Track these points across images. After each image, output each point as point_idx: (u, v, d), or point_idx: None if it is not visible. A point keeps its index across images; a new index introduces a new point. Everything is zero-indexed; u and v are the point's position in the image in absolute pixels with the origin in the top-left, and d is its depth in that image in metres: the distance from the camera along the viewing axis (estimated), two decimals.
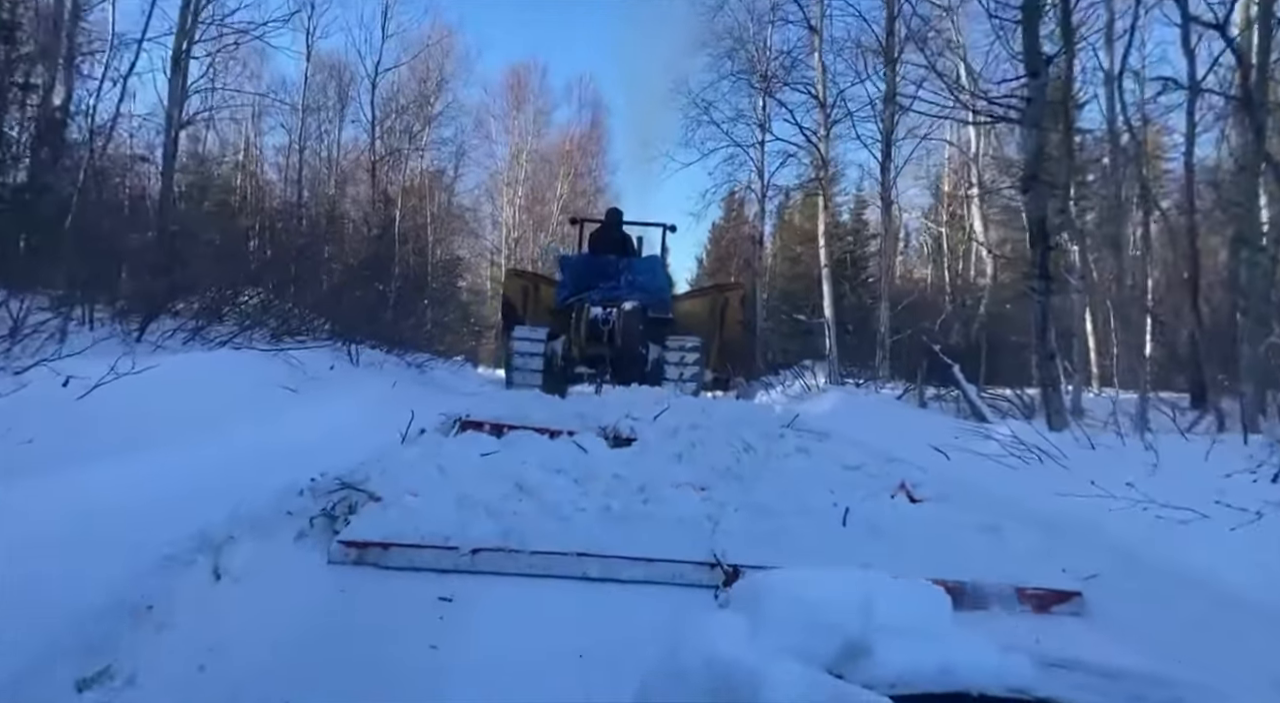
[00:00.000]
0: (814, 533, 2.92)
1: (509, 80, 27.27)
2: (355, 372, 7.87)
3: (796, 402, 7.97)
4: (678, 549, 2.70)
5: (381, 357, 9.84)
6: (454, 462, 3.66)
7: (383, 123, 18.21)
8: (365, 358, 8.70)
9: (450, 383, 11.01)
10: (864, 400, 7.32)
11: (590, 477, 3.62)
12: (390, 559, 2.60)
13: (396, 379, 8.25)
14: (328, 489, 3.03)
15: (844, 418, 6.47)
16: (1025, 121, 5.94)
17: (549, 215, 27.15)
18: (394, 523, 2.76)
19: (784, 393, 8.59)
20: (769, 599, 1.54)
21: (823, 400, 7.53)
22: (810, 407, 7.47)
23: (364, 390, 7.05)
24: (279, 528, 2.69)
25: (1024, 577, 2.61)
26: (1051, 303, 6.68)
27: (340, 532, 2.71)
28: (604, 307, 8.34)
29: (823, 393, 7.94)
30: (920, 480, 4.00)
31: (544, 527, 2.82)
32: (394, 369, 9.58)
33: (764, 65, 13.45)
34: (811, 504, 3.25)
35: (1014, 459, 4.10)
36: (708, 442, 4.59)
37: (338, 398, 6.39)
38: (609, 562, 2.64)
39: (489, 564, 2.62)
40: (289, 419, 5.29)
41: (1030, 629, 2.36)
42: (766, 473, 4.07)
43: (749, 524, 2.98)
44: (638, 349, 8.44)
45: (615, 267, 9.11)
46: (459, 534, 2.69)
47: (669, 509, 3.11)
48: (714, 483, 3.74)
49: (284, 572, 2.43)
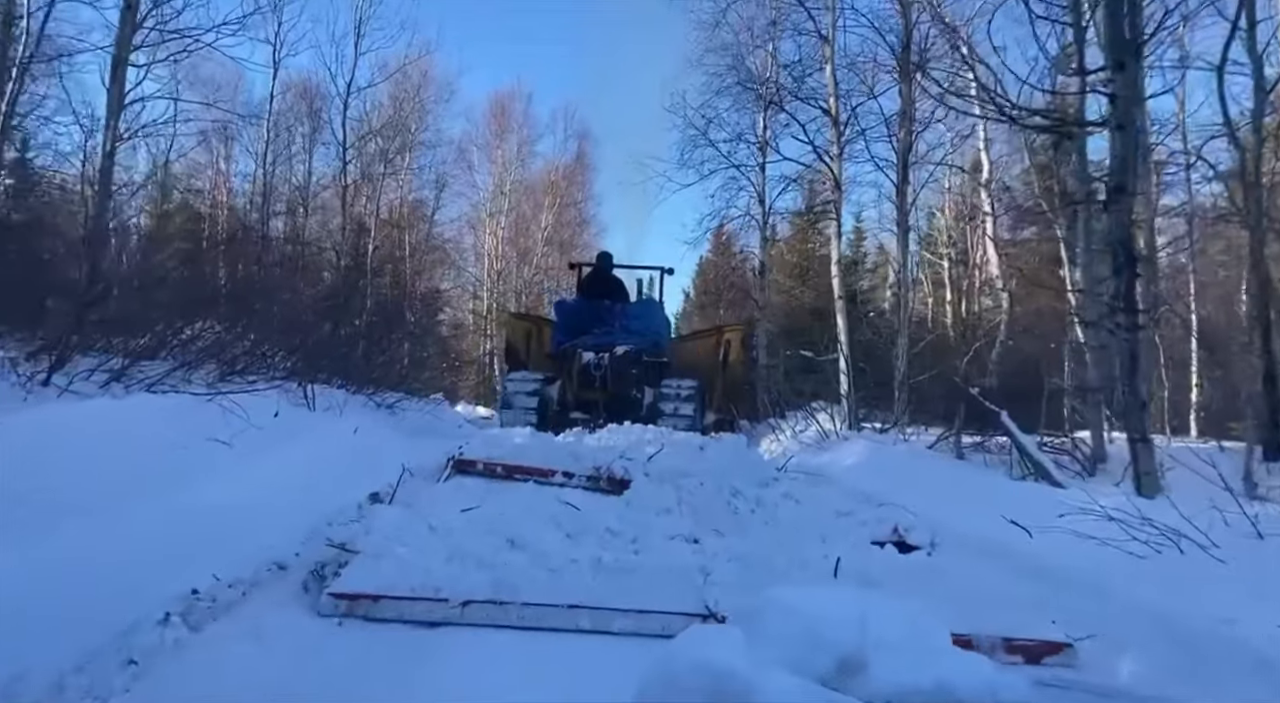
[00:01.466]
0: (805, 583, 2.87)
1: (492, 109, 26.64)
2: (310, 418, 6.85)
3: (814, 452, 7.03)
4: (670, 601, 2.69)
5: (345, 398, 8.83)
6: (443, 519, 3.67)
7: (361, 146, 17.08)
8: (327, 399, 7.66)
9: (424, 425, 9.93)
10: (894, 452, 6.39)
11: (583, 530, 3.63)
12: (380, 611, 2.58)
13: (360, 424, 7.24)
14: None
15: (880, 476, 5.52)
16: (1110, 123, 5.13)
17: (533, 247, 26.31)
18: (384, 575, 2.73)
19: (796, 439, 7.68)
20: (766, 614, 1.63)
21: (845, 451, 6.60)
22: (832, 458, 6.53)
23: (318, 439, 6.04)
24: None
25: (1020, 625, 2.64)
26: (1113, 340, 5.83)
27: (329, 584, 2.68)
28: (596, 352, 8.34)
29: (843, 441, 7.02)
30: (912, 524, 4.07)
31: (535, 578, 2.80)
32: (358, 411, 8.56)
33: (771, 77, 12.65)
34: (802, 555, 3.24)
35: (1136, 544, 3.15)
36: (699, 490, 4.56)
37: (284, 450, 5.40)
38: (600, 614, 2.62)
39: (480, 616, 2.59)
40: (210, 484, 4.27)
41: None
42: (756, 522, 4.16)
43: (740, 575, 2.96)
44: (630, 394, 8.39)
45: (609, 311, 9.16)
46: (449, 586, 2.68)
47: (660, 559, 3.12)
48: (705, 534, 3.80)
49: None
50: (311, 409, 7.17)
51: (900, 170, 8.70)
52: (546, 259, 27.03)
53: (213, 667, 2.06)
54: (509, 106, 26.61)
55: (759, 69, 13.43)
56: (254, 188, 17.45)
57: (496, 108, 26.60)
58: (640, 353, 8.61)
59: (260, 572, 2.85)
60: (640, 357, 8.60)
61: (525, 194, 26.98)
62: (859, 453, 6.38)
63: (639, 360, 8.56)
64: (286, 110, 17.86)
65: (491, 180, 26.09)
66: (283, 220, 17.47)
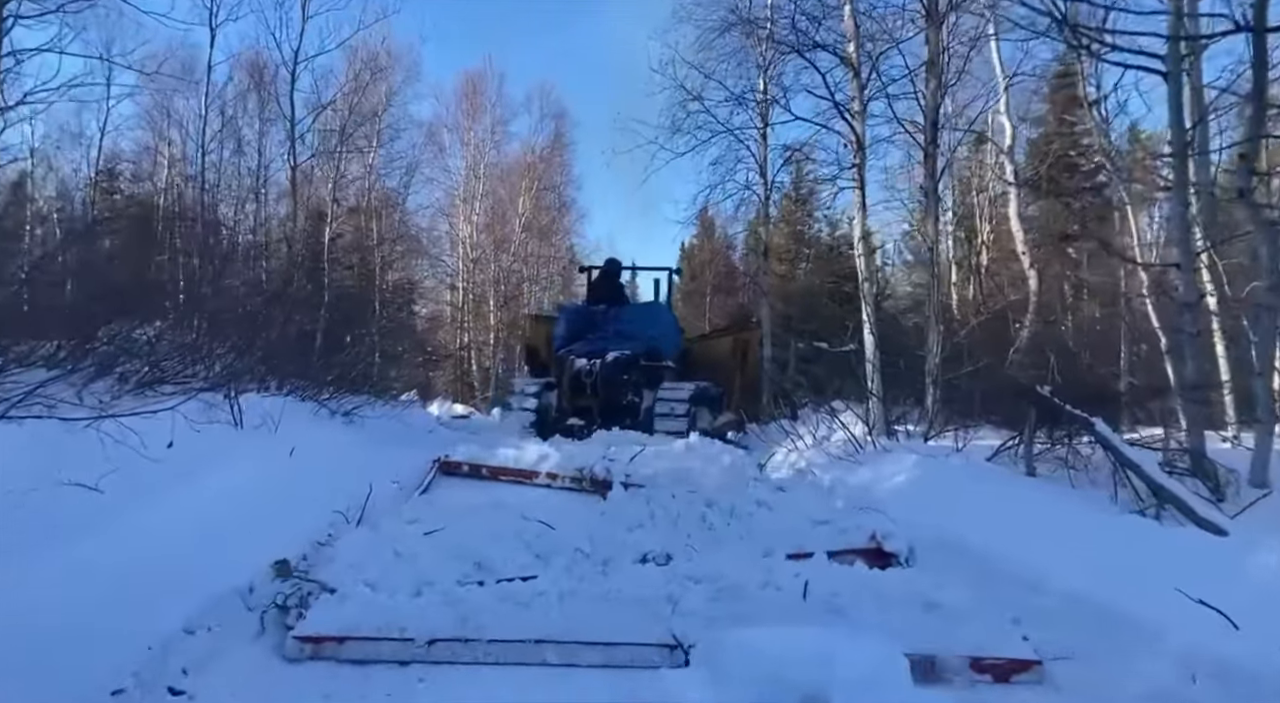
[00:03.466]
0: (774, 609, 2.85)
1: (463, 88, 25.07)
2: (233, 439, 5.59)
3: (847, 467, 5.84)
4: (637, 632, 2.67)
5: (287, 407, 7.56)
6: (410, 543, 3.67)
7: (316, 124, 15.04)
8: (264, 411, 6.38)
9: (388, 433, 8.63)
10: (950, 469, 5.18)
11: (553, 551, 3.64)
12: (347, 652, 2.56)
13: (302, 442, 5.99)
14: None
15: (947, 507, 4.35)
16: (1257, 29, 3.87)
17: (510, 234, 24.90)
18: (349, 615, 2.71)
19: (821, 449, 6.47)
20: (731, 656, 1.74)
21: (888, 467, 5.42)
22: (873, 477, 5.36)
23: (234, 472, 4.80)
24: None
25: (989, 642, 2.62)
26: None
27: (295, 626, 2.67)
28: (588, 358, 8.39)
29: (881, 453, 5.83)
30: (891, 531, 3.97)
31: (502, 613, 2.77)
32: (304, 424, 7.29)
33: (781, 16, 10.73)
34: (774, 577, 3.21)
35: None
36: (671, 503, 4.56)
37: (178, 493, 4.17)
38: (567, 647, 2.60)
39: (446, 654, 2.58)
40: (44, 559, 3.03)
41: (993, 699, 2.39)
42: (730, 535, 4.13)
43: (708, 604, 2.92)
44: (622, 399, 8.37)
45: (605, 316, 9.25)
46: (415, 624, 2.65)
47: (629, 586, 3.08)
48: (677, 551, 3.79)
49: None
50: (238, 426, 5.90)
51: (929, 131, 7.52)
52: (525, 247, 25.64)
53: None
54: (480, 85, 25.08)
55: (764, 13, 11.85)
56: (195, 169, 15.66)
57: (467, 87, 25.06)
58: (636, 358, 8.52)
59: None
60: (635, 362, 8.51)
61: (501, 179, 25.49)
62: (907, 470, 5.21)
63: (632, 366, 8.48)
64: (237, 90, 16.17)
65: (464, 164, 24.55)
66: (234, 209, 15.92)
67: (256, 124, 16.14)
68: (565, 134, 27.00)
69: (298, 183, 13.41)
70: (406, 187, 22.48)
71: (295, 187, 13.27)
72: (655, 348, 8.86)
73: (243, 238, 13.64)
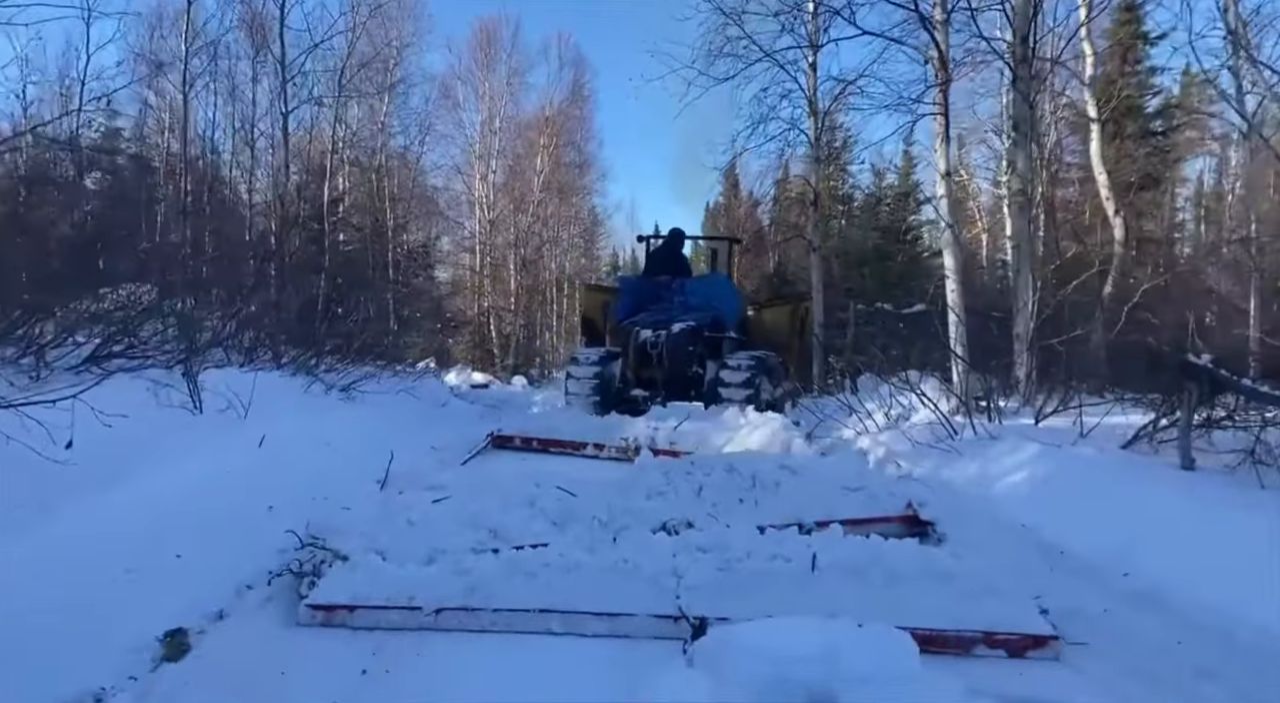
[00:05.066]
0: (781, 582, 2.80)
1: (477, 37, 23.65)
2: (184, 427, 4.59)
3: (944, 458, 4.69)
4: (643, 603, 2.67)
5: (275, 383, 6.59)
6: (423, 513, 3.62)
7: (315, 65, 13.48)
8: (236, 389, 5.38)
9: (391, 413, 7.61)
10: (1087, 462, 4.02)
11: (570, 518, 3.62)
12: (357, 620, 2.61)
13: (278, 430, 5.00)
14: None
15: (1109, 528, 3.23)
16: None
17: (529, 193, 23.67)
18: (360, 584, 2.74)
19: (899, 430, 5.32)
20: (733, 656, 1.65)
21: (998, 459, 4.27)
22: (980, 472, 4.24)
23: (166, 479, 3.76)
24: None
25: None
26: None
27: (307, 595, 2.71)
28: (654, 330, 8.37)
29: (988, 440, 4.64)
30: (926, 500, 3.88)
31: (510, 583, 2.78)
32: (293, 401, 6.34)
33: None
34: (782, 549, 3.08)
35: None
36: (693, 469, 4.43)
37: (56, 522, 3.14)
38: (572, 617, 2.62)
39: (453, 623, 2.62)
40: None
41: (1006, 675, 2.32)
42: (754, 503, 4.02)
43: (715, 578, 2.84)
44: (687, 371, 8.34)
45: (668, 288, 9.23)
46: (424, 593, 2.68)
47: (637, 557, 2.98)
48: (698, 518, 3.71)
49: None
50: (197, 410, 4.89)
51: (1018, 47, 6.20)
52: (544, 207, 24.43)
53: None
54: (495, 33, 23.67)
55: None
56: (178, 120, 14.35)
57: (481, 36, 23.63)
58: (700, 330, 8.45)
59: None
60: (699, 333, 8.43)
61: (518, 133, 24.19)
62: (1028, 463, 4.07)
63: (697, 337, 8.41)
64: (223, 28, 14.64)
65: (480, 118, 23.24)
66: (229, 164, 14.75)
67: (250, 70, 14.80)
68: (585, 85, 25.70)
69: (289, 131, 12.23)
70: (421, 144, 21.27)
71: (287, 135, 12.08)
72: (719, 319, 8.90)
73: (230, 192, 12.50)
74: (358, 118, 18.12)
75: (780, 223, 17.32)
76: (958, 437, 4.93)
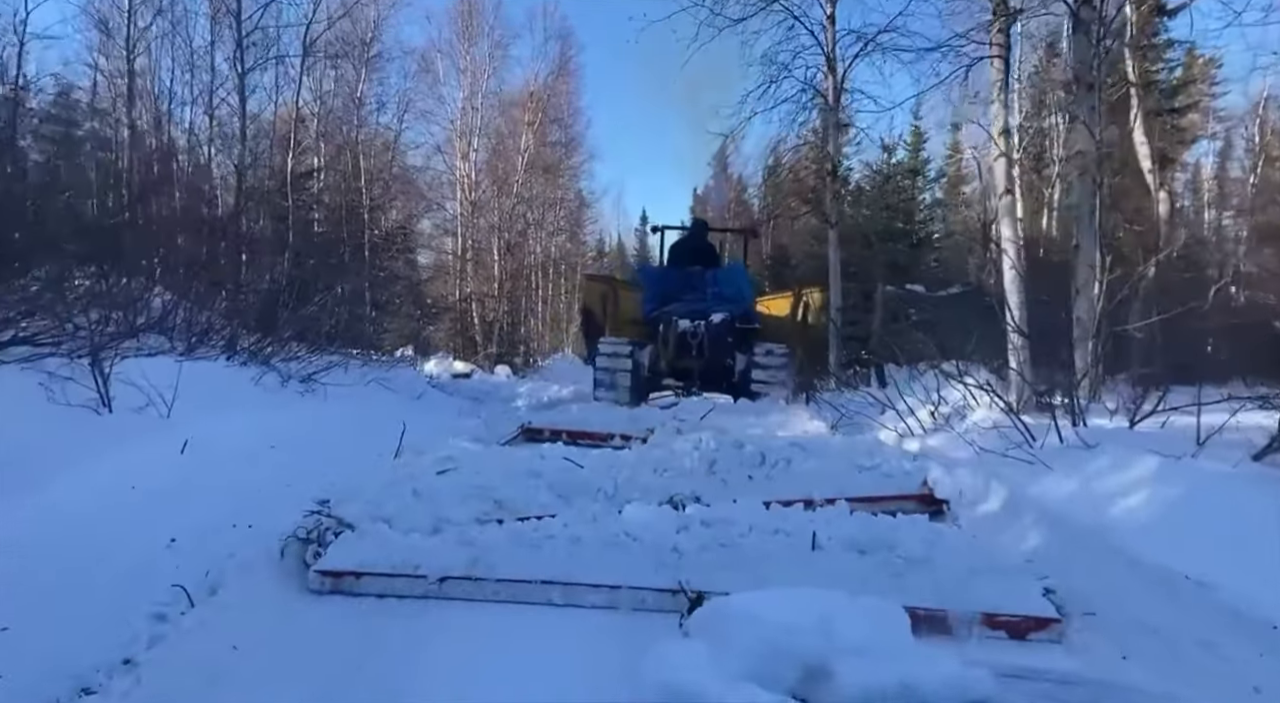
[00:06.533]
0: (780, 558, 2.79)
1: (458, 6, 22.42)
2: (86, 429, 3.65)
3: (1024, 471, 3.81)
4: (643, 576, 2.68)
5: (219, 374, 5.67)
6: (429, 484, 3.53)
7: (271, 20, 11.82)
8: (163, 379, 4.43)
9: (355, 409, 6.66)
10: (1228, 482, 3.17)
11: (576, 491, 3.63)
12: (364, 587, 2.65)
13: (205, 433, 4.04)
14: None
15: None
16: None
17: (512, 173, 22.58)
18: (367, 552, 2.77)
19: (952, 433, 4.46)
20: (730, 626, 1.66)
21: (1110, 477, 3.40)
22: (1089, 492, 3.38)
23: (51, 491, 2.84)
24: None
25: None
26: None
27: (315, 562, 2.72)
28: (692, 319, 8.29)
29: (1079, 448, 3.77)
30: (941, 478, 3.83)
31: (514, 554, 2.79)
32: (235, 400, 5.36)
33: None
34: (784, 524, 3.05)
35: None
36: (705, 446, 4.39)
37: None
38: (572, 589, 2.64)
39: (457, 591, 2.65)
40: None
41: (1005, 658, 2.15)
42: (764, 479, 4.02)
43: (716, 555, 2.82)
44: (725, 361, 8.41)
45: (700, 278, 9.20)
46: (429, 562, 2.71)
47: (639, 531, 2.96)
48: (706, 492, 3.69)
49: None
50: (105, 409, 3.95)
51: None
52: (529, 187, 23.35)
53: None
54: (477, 3, 22.47)
55: None
56: (128, 87, 12.98)
57: (462, 5, 22.45)
58: (735, 320, 8.51)
59: None
60: (735, 324, 8.49)
61: (501, 110, 23.05)
62: (1147, 483, 3.22)
63: (734, 328, 8.45)
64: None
65: (461, 94, 22.05)
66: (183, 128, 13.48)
67: (207, 28, 13.44)
68: (571, 59, 24.52)
69: (247, 95, 11.10)
70: (400, 121, 20.10)
71: (244, 98, 10.96)
72: (748, 310, 8.94)
73: (180, 161, 11.34)
74: (330, 93, 16.93)
75: (790, 196, 16.20)
76: (1038, 443, 4.06)
